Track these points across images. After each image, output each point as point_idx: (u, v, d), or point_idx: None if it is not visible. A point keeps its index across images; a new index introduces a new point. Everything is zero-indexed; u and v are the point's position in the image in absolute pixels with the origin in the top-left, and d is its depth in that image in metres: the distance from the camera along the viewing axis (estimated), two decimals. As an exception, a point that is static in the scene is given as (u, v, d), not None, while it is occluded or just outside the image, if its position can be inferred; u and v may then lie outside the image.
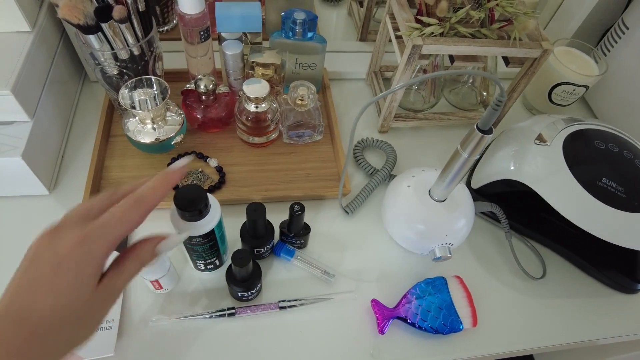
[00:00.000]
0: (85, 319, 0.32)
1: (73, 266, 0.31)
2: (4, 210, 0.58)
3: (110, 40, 0.54)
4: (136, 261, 0.35)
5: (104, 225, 0.33)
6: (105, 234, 0.33)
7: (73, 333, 0.32)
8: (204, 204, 0.44)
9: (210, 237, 0.47)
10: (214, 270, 0.56)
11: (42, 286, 0.31)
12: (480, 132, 0.43)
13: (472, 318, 0.54)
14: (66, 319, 0.31)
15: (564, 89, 0.73)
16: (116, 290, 0.34)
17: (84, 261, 0.31)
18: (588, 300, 0.60)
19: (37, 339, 0.30)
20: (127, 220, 0.34)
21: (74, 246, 0.31)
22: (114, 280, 0.34)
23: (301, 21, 0.62)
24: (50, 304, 0.30)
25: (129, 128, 0.59)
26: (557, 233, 0.63)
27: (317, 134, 0.68)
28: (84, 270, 0.31)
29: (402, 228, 0.56)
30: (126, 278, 0.35)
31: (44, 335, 0.30)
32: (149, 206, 0.35)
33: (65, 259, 0.31)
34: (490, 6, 0.58)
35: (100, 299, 0.33)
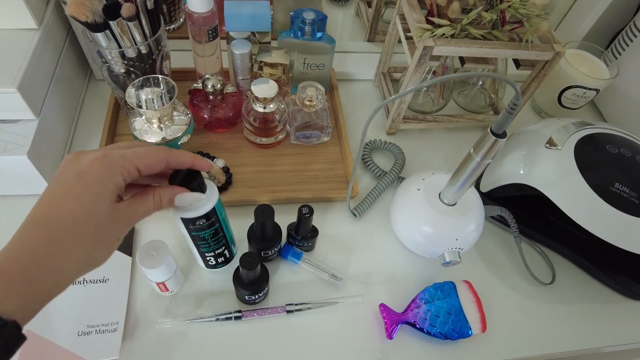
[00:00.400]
0: (103, 233, 0.34)
1: (93, 177, 0.33)
2: (9, 209, 0.58)
3: (118, 39, 0.54)
4: (155, 200, 0.37)
5: (123, 152, 0.35)
6: (126, 157, 0.35)
7: (90, 247, 0.33)
8: (200, 180, 0.42)
9: (213, 218, 0.46)
10: (225, 265, 0.54)
11: (64, 193, 0.33)
12: (494, 136, 0.43)
13: (481, 324, 0.53)
14: (85, 227, 0.33)
15: (574, 92, 0.72)
16: (132, 216, 0.36)
17: (104, 174, 0.34)
18: (598, 307, 0.59)
19: (57, 243, 0.32)
20: (149, 155, 0.36)
21: (95, 159, 0.34)
22: (132, 207, 0.36)
23: (310, 21, 0.61)
24: (71, 210, 0.32)
25: (135, 127, 0.59)
26: (567, 238, 0.62)
27: (324, 135, 0.67)
28: (106, 182, 0.34)
29: (412, 231, 0.56)
30: (143, 210, 0.37)
31: (63, 240, 0.32)
32: (174, 157, 0.38)
33: (87, 169, 0.33)
34: (503, 7, 0.57)
35: (117, 216, 0.35)
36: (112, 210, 0.34)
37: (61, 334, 0.49)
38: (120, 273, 0.54)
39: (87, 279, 0.53)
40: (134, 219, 0.36)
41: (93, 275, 0.53)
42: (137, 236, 0.58)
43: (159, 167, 0.37)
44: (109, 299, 0.52)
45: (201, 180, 0.42)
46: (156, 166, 0.37)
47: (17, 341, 0.30)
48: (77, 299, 0.52)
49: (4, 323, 0.29)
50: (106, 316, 0.51)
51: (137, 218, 0.36)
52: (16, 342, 0.30)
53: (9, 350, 0.30)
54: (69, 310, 0.51)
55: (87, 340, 0.49)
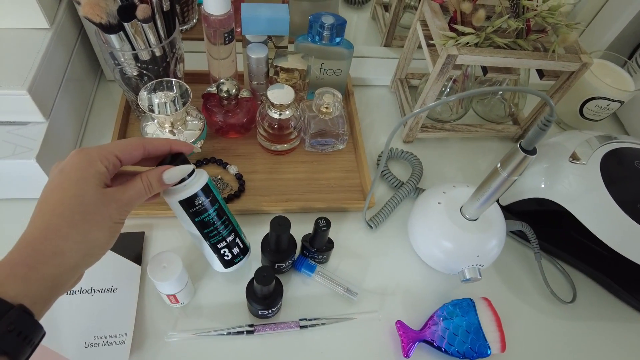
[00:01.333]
0: (94, 214, 0.35)
1: (74, 167, 0.35)
2: (16, 213, 0.56)
3: (132, 40, 0.52)
4: (143, 182, 0.38)
5: (101, 146, 0.37)
6: (102, 148, 0.37)
7: (86, 228, 0.34)
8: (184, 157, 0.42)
9: (210, 196, 0.44)
10: (243, 258, 0.50)
11: (51, 189, 0.35)
12: (524, 152, 0.41)
13: (500, 343, 0.51)
14: (75, 210, 0.34)
15: (597, 104, 0.70)
16: (123, 198, 0.37)
17: (83, 163, 0.35)
18: (621, 326, 0.57)
19: (51, 227, 0.33)
20: (125, 142, 0.39)
21: (73, 155, 0.36)
22: (121, 190, 0.37)
23: (329, 25, 0.59)
24: (59, 198, 0.34)
25: (147, 132, 0.57)
26: (589, 255, 0.60)
27: (339, 143, 0.65)
28: (87, 169, 0.35)
29: (431, 246, 0.54)
30: (133, 192, 0.38)
31: (56, 223, 0.33)
32: (150, 143, 0.40)
33: (66, 164, 0.35)
34: (529, 16, 0.56)
35: (106, 199, 0.35)
36: (99, 193, 0.35)
37: (67, 344, 0.48)
38: (129, 282, 0.52)
39: (95, 287, 0.52)
40: (126, 201, 0.37)
41: (101, 284, 0.52)
42: (146, 244, 0.56)
43: (136, 152, 0.39)
44: (117, 310, 0.50)
45: (184, 158, 0.42)
46: (132, 152, 0.38)
47: (32, 327, 0.31)
48: (85, 308, 0.50)
49: (10, 307, 0.29)
50: (114, 327, 0.49)
51: (129, 200, 0.37)
52: (31, 328, 0.31)
53: (27, 338, 0.30)
54: (76, 320, 0.49)
55: (93, 353, 0.47)
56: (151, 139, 0.40)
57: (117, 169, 0.38)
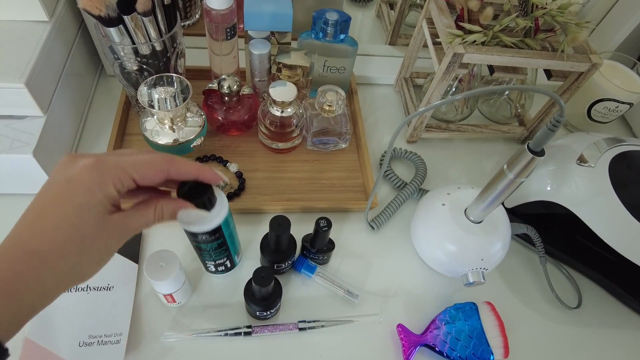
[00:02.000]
0: (90, 248, 0.31)
1: (82, 186, 0.31)
2: (12, 209, 0.55)
3: (132, 34, 0.51)
4: (156, 213, 0.35)
5: (123, 159, 0.32)
6: (122, 165, 0.32)
7: (76, 261, 0.31)
8: (210, 195, 0.39)
9: (217, 234, 0.44)
10: (225, 272, 0.53)
11: (51, 202, 0.31)
12: (532, 153, 0.40)
13: (503, 349, 0.50)
14: (70, 242, 0.30)
15: (606, 106, 0.68)
16: (127, 229, 0.33)
17: (93, 183, 0.31)
18: (627, 334, 0.56)
19: (38, 256, 0.29)
20: (147, 164, 0.33)
21: (87, 166, 0.31)
22: (128, 219, 0.33)
23: (333, 22, 0.58)
24: (55, 221, 0.30)
25: (146, 127, 0.56)
26: (596, 260, 0.59)
27: (342, 142, 0.64)
28: (94, 193, 0.31)
29: (434, 249, 0.53)
30: (141, 223, 0.34)
31: (46, 252, 0.30)
32: (175, 168, 0.34)
33: (76, 177, 0.31)
34: (538, 15, 0.54)
35: (108, 230, 0.32)
36: (102, 222, 0.31)
37: (61, 343, 0.47)
38: (125, 281, 0.52)
39: (91, 285, 0.51)
40: (130, 231, 0.34)
41: (97, 282, 0.51)
42: (144, 242, 0.55)
43: (157, 178, 0.34)
44: (112, 308, 0.49)
45: (211, 196, 0.39)
46: (153, 177, 0.34)
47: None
48: (80, 306, 0.49)
49: None
50: (109, 326, 0.48)
51: (133, 231, 0.34)
52: None
53: None
54: (71, 318, 0.48)
55: (88, 352, 0.46)
56: (179, 163, 0.35)
57: (131, 188, 0.33)
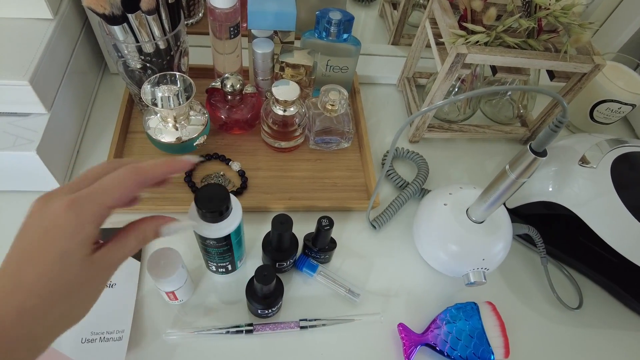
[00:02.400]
0: (78, 293, 0.30)
1: (61, 232, 0.29)
2: (14, 206, 0.55)
3: (136, 32, 0.51)
4: (138, 238, 0.33)
5: (95, 191, 0.31)
6: (95, 199, 0.31)
7: (66, 308, 0.30)
8: (225, 206, 0.41)
9: (226, 241, 0.44)
10: (225, 274, 0.53)
11: (30, 255, 0.29)
12: (534, 154, 0.40)
13: (504, 349, 0.50)
14: (57, 292, 0.29)
15: (609, 107, 0.68)
16: (112, 264, 0.32)
17: (73, 226, 0.30)
18: (628, 335, 0.56)
19: (26, 311, 0.28)
20: (119, 187, 0.32)
21: (62, 210, 0.29)
22: (110, 253, 0.32)
23: (337, 21, 0.58)
24: (38, 273, 0.29)
25: (149, 126, 0.56)
26: (597, 261, 0.59)
27: (344, 141, 0.64)
28: (74, 237, 0.30)
29: (436, 249, 0.53)
30: (124, 253, 0.33)
31: (33, 306, 0.29)
32: (144, 178, 0.33)
33: (53, 224, 0.29)
34: (541, 15, 0.54)
35: (94, 270, 0.31)
36: (86, 265, 0.30)
37: (63, 340, 0.47)
38: (127, 278, 0.52)
39: (94, 282, 0.51)
40: (115, 266, 0.32)
41: (100, 279, 0.51)
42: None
43: (131, 194, 0.33)
44: (115, 305, 0.50)
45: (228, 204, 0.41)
46: (129, 195, 0.32)
47: None
48: (82, 303, 0.49)
49: None
50: (111, 323, 0.48)
51: (118, 264, 0.33)
52: None
53: None
54: (73, 315, 0.48)
55: (90, 349, 0.47)
56: (145, 171, 0.33)
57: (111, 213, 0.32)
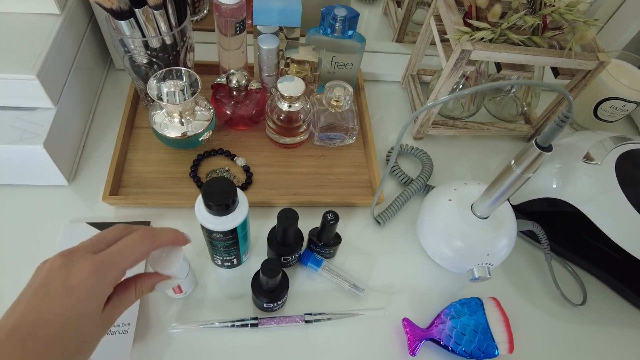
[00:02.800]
0: (85, 344, 0.33)
1: (84, 296, 0.32)
2: (22, 200, 0.56)
3: (143, 27, 0.52)
4: (137, 293, 0.38)
5: (116, 255, 0.35)
6: (117, 264, 0.34)
7: (77, 357, 0.33)
8: (232, 200, 0.41)
9: (232, 234, 0.45)
10: (230, 268, 0.53)
11: (52, 309, 0.31)
12: (539, 149, 0.40)
13: (508, 344, 0.50)
14: (70, 344, 0.32)
15: (613, 105, 0.68)
16: (115, 317, 0.36)
17: (95, 292, 0.33)
18: (632, 332, 0.56)
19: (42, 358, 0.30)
20: (136, 252, 0.36)
21: (86, 276, 0.32)
22: (115, 309, 0.36)
23: (342, 18, 0.59)
24: (58, 329, 0.31)
25: (155, 121, 0.56)
26: (601, 258, 0.59)
27: (349, 138, 0.65)
28: (94, 301, 0.33)
29: (440, 244, 0.53)
30: (124, 307, 0.37)
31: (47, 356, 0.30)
32: (157, 243, 0.38)
33: (78, 288, 0.32)
34: (547, 12, 0.54)
35: (102, 326, 0.34)
36: (98, 322, 0.34)
37: (70, 333, 0.47)
38: (133, 272, 0.52)
39: (99, 276, 0.51)
40: (116, 318, 0.36)
41: (105, 272, 0.51)
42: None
43: (144, 257, 0.37)
44: (120, 299, 0.50)
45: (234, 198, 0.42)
46: (141, 260, 0.37)
47: None
48: (88, 297, 0.50)
49: None
50: (117, 317, 0.49)
51: (120, 314, 0.36)
52: None
53: None
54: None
55: (96, 341, 0.47)
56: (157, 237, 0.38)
57: None
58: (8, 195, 0.56)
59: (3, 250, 0.52)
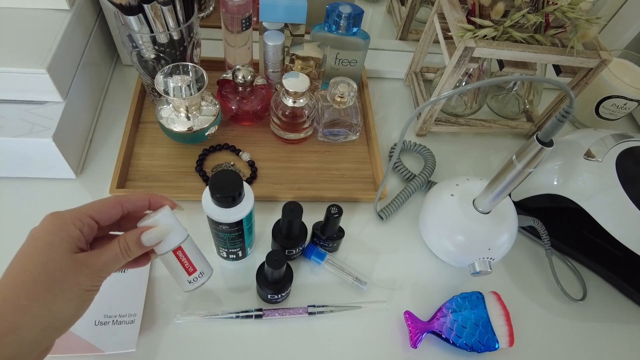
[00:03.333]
0: (60, 283, 0.32)
1: (43, 231, 0.33)
2: (30, 192, 0.57)
3: (151, 23, 0.52)
4: (120, 245, 0.36)
5: (77, 207, 0.36)
6: (75, 210, 0.35)
7: (49, 299, 0.32)
8: (238, 192, 0.42)
9: (238, 227, 0.46)
10: (235, 260, 0.54)
11: (18, 255, 0.33)
12: (540, 144, 0.41)
13: (509, 337, 0.51)
14: (39, 280, 0.31)
15: (614, 103, 0.69)
16: (95, 264, 0.34)
17: (53, 226, 0.33)
18: (631, 328, 0.57)
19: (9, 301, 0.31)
20: (97, 203, 0.37)
21: (45, 219, 0.34)
22: (94, 255, 0.35)
23: (346, 15, 0.59)
24: (23, 266, 0.32)
25: (162, 115, 0.57)
26: (601, 254, 0.60)
27: (352, 134, 0.65)
28: (55, 234, 0.33)
29: (442, 238, 0.54)
30: (107, 257, 0.35)
31: (16, 296, 0.31)
32: (126, 199, 0.38)
33: (37, 229, 0.34)
34: (549, 10, 0.55)
35: (76, 265, 0.33)
36: (69, 259, 0.33)
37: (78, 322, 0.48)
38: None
39: (107, 267, 0.52)
40: (100, 266, 0.35)
41: (112, 264, 0.52)
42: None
43: (113, 211, 0.37)
44: (127, 290, 0.51)
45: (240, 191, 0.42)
46: (109, 210, 0.37)
47: None
48: (96, 287, 0.51)
49: None
50: (124, 307, 0.49)
51: (103, 266, 0.35)
52: None
53: None
54: (87, 298, 0.50)
55: (104, 331, 0.48)
56: (128, 195, 0.38)
57: (94, 231, 0.36)
58: (17, 187, 0.57)
59: (11, 241, 0.52)
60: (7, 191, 0.57)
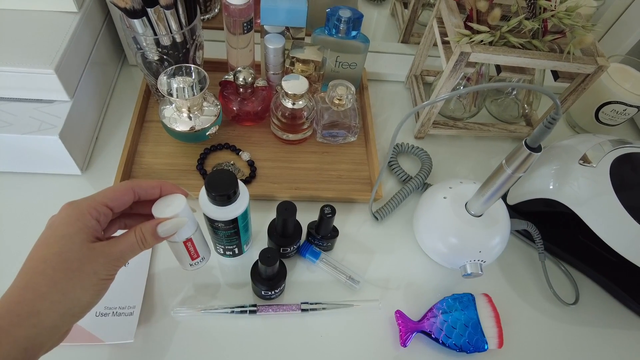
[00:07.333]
0: (77, 271, 0.33)
1: (61, 222, 0.34)
2: (36, 187, 0.59)
3: (154, 26, 0.54)
4: (137, 235, 0.37)
5: (91, 195, 0.37)
6: (90, 199, 0.36)
7: (68, 287, 0.33)
8: (233, 191, 0.44)
9: (233, 224, 0.47)
10: (232, 257, 0.56)
11: (36, 245, 0.34)
12: (529, 149, 0.41)
13: (498, 339, 0.52)
14: (57, 268, 0.33)
15: (614, 108, 0.69)
16: (111, 253, 0.35)
17: (71, 217, 0.35)
18: (622, 333, 0.57)
19: (29, 287, 0.32)
20: (112, 188, 0.38)
21: (61, 209, 0.35)
22: (110, 244, 0.36)
23: (346, 19, 0.61)
24: (42, 254, 0.33)
25: (164, 115, 0.59)
26: (594, 259, 0.60)
27: (351, 135, 0.67)
28: (71, 224, 0.34)
29: (434, 240, 0.55)
30: (123, 246, 0.36)
31: (36, 282, 0.32)
32: (137, 184, 0.39)
33: (55, 218, 0.35)
34: (546, 17, 0.56)
35: (92, 255, 0.34)
36: (86, 249, 0.34)
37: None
38: (140, 256, 0.54)
39: (108, 261, 0.54)
40: (116, 255, 0.36)
41: (114, 258, 0.54)
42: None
43: (126, 197, 0.38)
44: (127, 282, 0.53)
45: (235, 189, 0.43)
46: (122, 197, 0.38)
47: None
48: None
49: None
50: (124, 299, 0.51)
51: (120, 255, 0.36)
52: None
53: None
54: (89, 290, 0.52)
55: (104, 322, 0.50)
56: (140, 182, 0.39)
57: (109, 218, 0.37)
58: (26, 182, 0.59)
59: (18, 236, 0.55)
60: (16, 185, 0.59)
